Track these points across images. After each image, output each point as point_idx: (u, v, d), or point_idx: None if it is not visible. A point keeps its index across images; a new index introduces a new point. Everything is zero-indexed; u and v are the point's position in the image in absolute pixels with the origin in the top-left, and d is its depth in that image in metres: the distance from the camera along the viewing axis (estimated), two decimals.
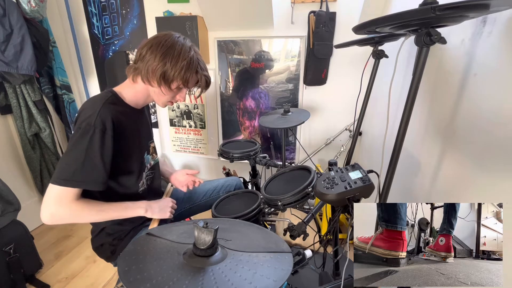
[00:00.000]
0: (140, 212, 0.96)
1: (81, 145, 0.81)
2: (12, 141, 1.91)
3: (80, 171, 0.82)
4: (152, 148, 1.10)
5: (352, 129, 1.90)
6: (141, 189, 1.03)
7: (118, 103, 0.93)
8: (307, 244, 1.50)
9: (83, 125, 0.82)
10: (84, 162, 0.81)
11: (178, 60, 0.87)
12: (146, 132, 1.08)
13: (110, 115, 0.85)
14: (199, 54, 0.94)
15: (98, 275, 1.63)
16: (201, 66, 0.93)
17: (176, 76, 0.88)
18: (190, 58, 0.89)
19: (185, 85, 0.92)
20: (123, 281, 0.50)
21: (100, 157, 0.83)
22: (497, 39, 0.67)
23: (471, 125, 0.76)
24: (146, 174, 1.06)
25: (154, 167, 1.12)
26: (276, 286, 0.51)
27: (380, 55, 1.13)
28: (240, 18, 1.77)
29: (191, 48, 0.92)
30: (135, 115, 0.98)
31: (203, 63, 0.95)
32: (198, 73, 0.93)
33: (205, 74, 0.95)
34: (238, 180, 1.40)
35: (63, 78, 2.07)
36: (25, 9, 1.65)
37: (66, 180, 0.81)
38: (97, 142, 0.82)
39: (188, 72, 0.89)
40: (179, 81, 0.90)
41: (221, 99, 2.09)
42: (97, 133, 0.81)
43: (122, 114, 0.90)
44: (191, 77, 0.91)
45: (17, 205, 1.54)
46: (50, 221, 0.83)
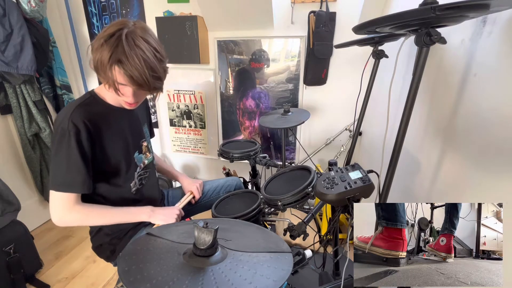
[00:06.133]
0: (143, 218, 0.96)
1: (61, 151, 0.82)
2: (12, 141, 1.91)
3: (67, 176, 0.84)
4: (144, 147, 1.07)
5: (352, 129, 1.90)
6: (133, 189, 1.02)
7: (95, 103, 0.91)
8: (307, 244, 1.50)
9: (59, 130, 0.82)
10: (67, 167, 0.83)
11: (98, 50, 0.77)
12: (136, 131, 1.04)
13: (82, 117, 0.83)
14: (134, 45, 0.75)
15: (98, 275, 1.63)
16: (126, 57, 0.74)
17: (98, 69, 0.79)
18: (110, 48, 0.75)
19: (110, 83, 0.79)
20: (123, 281, 0.50)
21: (81, 159, 0.83)
22: (497, 39, 0.67)
23: (471, 125, 0.76)
24: (139, 173, 1.04)
25: (148, 166, 1.09)
26: (276, 286, 0.50)
27: (380, 55, 1.13)
28: (240, 18, 1.77)
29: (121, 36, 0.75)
30: (117, 114, 0.95)
31: (137, 54, 0.75)
32: (114, 67, 0.76)
33: (128, 68, 0.75)
34: (238, 180, 1.40)
35: (63, 78, 2.07)
36: (25, 9, 1.65)
37: (58, 185, 0.84)
38: (74, 146, 0.82)
39: (104, 66, 0.76)
40: (103, 76, 0.79)
41: (221, 99, 2.09)
42: (72, 136, 0.81)
43: (98, 115, 0.88)
44: (110, 71, 0.77)
45: (17, 205, 1.54)
46: (60, 224, 0.89)
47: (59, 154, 0.83)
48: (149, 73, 0.78)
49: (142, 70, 0.76)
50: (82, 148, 0.83)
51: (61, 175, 0.84)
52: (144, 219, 0.97)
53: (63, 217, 0.87)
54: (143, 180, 1.06)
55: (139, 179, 1.04)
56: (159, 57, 0.82)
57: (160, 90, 0.87)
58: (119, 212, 0.94)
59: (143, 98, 0.94)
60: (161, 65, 0.82)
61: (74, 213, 0.87)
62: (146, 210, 0.97)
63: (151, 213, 0.97)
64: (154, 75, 0.80)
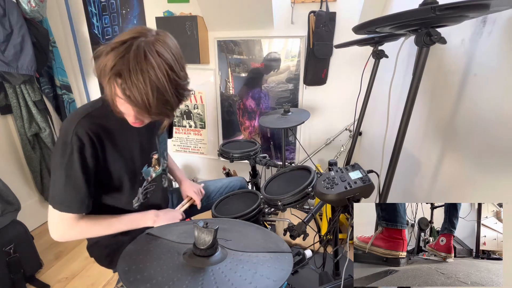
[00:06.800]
0: (148, 224, 0.94)
1: (62, 167, 0.77)
2: (12, 141, 1.91)
3: (65, 195, 0.79)
4: (154, 160, 1.00)
5: (352, 129, 1.90)
6: (136, 204, 0.96)
7: (104, 113, 0.80)
8: (307, 244, 1.50)
9: (61, 143, 0.76)
10: (66, 185, 0.77)
11: (104, 57, 0.66)
12: (147, 143, 0.96)
13: (87, 129, 0.76)
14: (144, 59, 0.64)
15: (98, 275, 1.63)
16: (129, 72, 0.63)
17: (100, 78, 0.69)
18: (115, 57, 0.64)
19: (109, 96, 0.70)
20: (123, 281, 0.50)
21: (83, 177, 0.78)
22: (497, 39, 0.67)
23: (471, 125, 0.76)
24: (145, 187, 0.98)
25: (156, 180, 1.02)
26: (276, 286, 0.51)
27: (380, 55, 1.13)
28: (240, 18, 1.77)
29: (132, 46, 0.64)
30: (127, 126, 0.81)
31: (143, 70, 0.64)
32: (113, 80, 0.66)
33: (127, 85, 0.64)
34: (242, 180, 1.39)
35: (63, 78, 2.07)
36: (25, 9, 1.65)
37: (57, 203, 0.80)
38: (76, 162, 0.76)
39: (104, 76, 0.67)
40: (104, 86, 0.70)
41: (221, 99, 2.09)
42: (75, 151, 0.75)
43: (105, 127, 0.81)
44: (109, 83, 0.67)
45: (17, 205, 1.54)
46: (62, 240, 0.85)
47: (59, 170, 0.77)
48: (154, 95, 0.66)
49: (144, 91, 0.64)
50: (85, 164, 0.78)
51: (59, 193, 0.79)
52: (149, 225, 0.94)
53: (65, 235, 0.84)
54: (148, 194, 1.01)
55: (144, 194, 0.99)
56: (173, 78, 0.68)
57: (168, 116, 0.75)
58: (122, 221, 0.91)
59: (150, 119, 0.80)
60: (175, 87, 0.69)
61: (77, 229, 0.84)
62: (150, 216, 0.95)
63: (155, 218, 0.95)
64: (161, 98, 0.67)
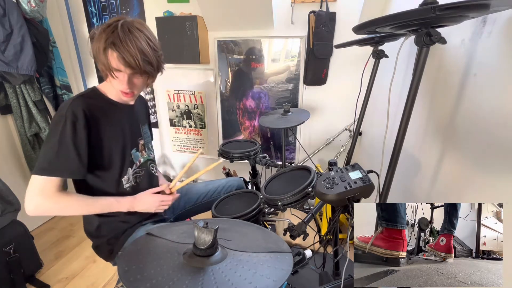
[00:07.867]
0: (122, 209, 0.97)
1: (54, 136, 0.84)
2: (12, 141, 1.91)
3: (55, 160, 0.84)
4: (141, 145, 1.08)
5: (352, 129, 1.90)
6: (127, 185, 1.00)
7: (96, 97, 0.94)
8: (307, 244, 1.50)
9: (56, 117, 0.86)
10: (58, 151, 0.83)
11: (97, 39, 0.84)
12: (134, 128, 1.05)
13: (82, 106, 0.86)
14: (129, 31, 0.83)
15: (98, 275, 1.63)
16: (120, 41, 0.81)
17: (96, 57, 0.86)
18: (106, 34, 0.82)
19: (106, 68, 0.86)
20: (123, 281, 0.50)
21: (73, 146, 0.84)
22: (497, 39, 0.67)
23: (471, 125, 0.76)
24: (134, 171, 1.03)
25: (144, 165, 1.08)
26: (276, 286, 0.51)
27: (380, 55, 1.13)
28: (240, 18, 1.77)
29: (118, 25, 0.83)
30: (117, 109, 0.97)
31: (130, 39, 0.82)
32: (108, 51, 0.83)
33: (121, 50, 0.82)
34: (239, 180, 1.40)
35: (63, 78, 2.07)
36: (25, 9, 1.65)
37: (43, 169, 0.84)
38: (68, 132, 0.83)
39: (100, 52, 0.83)
40: (100, 63, 0.86)
41: (221, 99, 2.10)
42: (68, 123, 0.83)
43: (98, 107, 0.91)
44: (105, 55, 0.83)
45: (17, 205, 1.54)
46: (34, 212, 0.85)
47: (51, 139, 0.84)
48: (141, 56, 0.84)
49: (134, 53, 0.82)
50: (77, 134, 0.84)
51: (48, 159, 0.84)
52: (123, 210, 0.97)
53: (40, 206, 0.84)
54: (137, 179, 1.05)
55: (134, 177, 1.03)
56: (152, 46, 0.88)
57: (152, 76, 0.93)
58: (98, 203, 0.93)
59: (139, 88, 0.95)
60: (153, 52, 0.88)
61: (52, 201, 0.85)
62: (126, 204, 0.97)
63: (131, 204, 0.97)
64: (145, 59, 0.86)
